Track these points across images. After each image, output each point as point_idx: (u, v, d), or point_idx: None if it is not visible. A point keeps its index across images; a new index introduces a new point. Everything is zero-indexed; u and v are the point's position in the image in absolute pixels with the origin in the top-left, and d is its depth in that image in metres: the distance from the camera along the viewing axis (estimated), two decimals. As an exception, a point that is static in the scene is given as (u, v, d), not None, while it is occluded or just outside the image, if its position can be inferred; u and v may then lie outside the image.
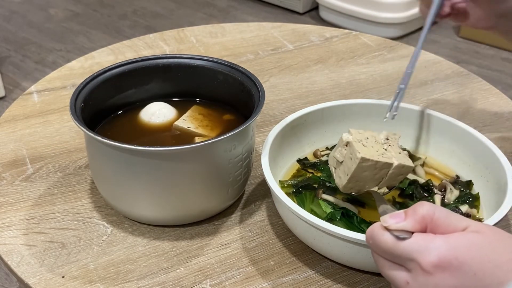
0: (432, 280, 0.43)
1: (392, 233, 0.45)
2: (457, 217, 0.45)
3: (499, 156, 0.66)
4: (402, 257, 0.44)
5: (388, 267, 0.46)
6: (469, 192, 0.69)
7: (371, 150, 0.62)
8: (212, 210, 0.68)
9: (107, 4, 2.86)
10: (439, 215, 0.45)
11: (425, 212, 0.45)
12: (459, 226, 0.44)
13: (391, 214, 0.46)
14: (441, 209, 0.45)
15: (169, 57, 0.73)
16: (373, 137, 0.64)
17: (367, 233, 0.47)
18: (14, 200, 0.71)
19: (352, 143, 0.62)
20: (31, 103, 0.89)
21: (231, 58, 1.02)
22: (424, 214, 0.45)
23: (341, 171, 0.63)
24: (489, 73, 2.27)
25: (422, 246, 0.43)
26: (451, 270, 0.42)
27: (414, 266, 0.44)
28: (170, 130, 0.71)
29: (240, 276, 0.62)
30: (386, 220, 0.45)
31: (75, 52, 2.41)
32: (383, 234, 0.45)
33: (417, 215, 0.45)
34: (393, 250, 0.45)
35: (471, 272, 0.42)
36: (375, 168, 0.61)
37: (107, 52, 1.03)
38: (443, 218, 0.45)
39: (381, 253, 0.46)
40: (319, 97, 0.93)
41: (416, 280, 0.43)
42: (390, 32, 2.42)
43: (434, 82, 0.97)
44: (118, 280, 0.61)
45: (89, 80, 0.68)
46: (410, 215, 0.45)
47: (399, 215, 0.45)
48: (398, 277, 0.45)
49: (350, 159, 0.62)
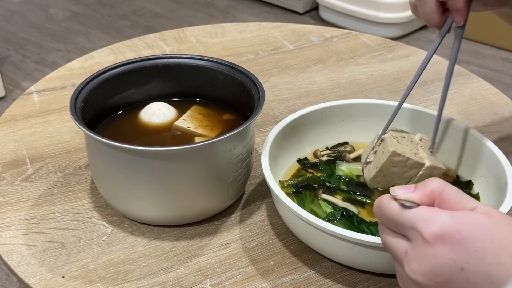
0: (431, 251, 0.42)
1: (399, 202, 0.45)
2: (467, 197, 0.45)
3: (499, 156, 0.66)
4: (405, 226, 0.44)
5: (389, 236, 0.46)
6: (469, 192, 0.69)
7: (405, 147, 0.62)
8: (212, 210, 0.68)
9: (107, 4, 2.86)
10: (448, 192, 0.45)
11: (435, 187, 0.45)
12: (468, 206, 0.44)
13: (401, 186, 0.46)
14: (451, 186, 0.45)
15: (169, 57, 0.73)
16: (410, 137, 0.65)
17: (376, 202, 0.47)
18: (14, 200, 0.71)
19: (386, 138, 0.62)
20: (31, 103, 0.89)
21: (231, 58, 1.02)
22: (433, 188, 0.45)
23: (372, 165, 0.64)
24: (489, 73, 2.27)
25: (426, 216, 0.43)
26: (452, 243, 0.42)
27: (415, 236, 0.43)
28: (170, 130, 0.71)
29: (240, 276, 0.62)
30: (395, 190, 0.46)
31: (75, 52, 2.41)
32: (390, 202, 0.45)
33: (427, 189, 0.45)
34: (397, 218, 0.45)
35: (472, 248, 0.41)
36: (405, 165, 0.62)
37: (107, 52, 1.03)
38: (453, 195, 0.44)
39: (385, 221, 0.46)
40: (319, 97, 0.93)
41: (415, 249, 0.43)
42: (390, 32, 2.42)
43: (434, 82, 0.97)
44: (118, 280, 0.61)
45: (89, 80, 0.68)
46: (420, 188, 0.45)
47: (409, 187, 0.46)
48: (398, 246, 0.45)
49: (382, 152, 0.62)
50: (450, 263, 0.42)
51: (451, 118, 0.73)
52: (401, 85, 0.96)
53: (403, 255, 0.44)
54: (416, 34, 2.50)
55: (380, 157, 0.62)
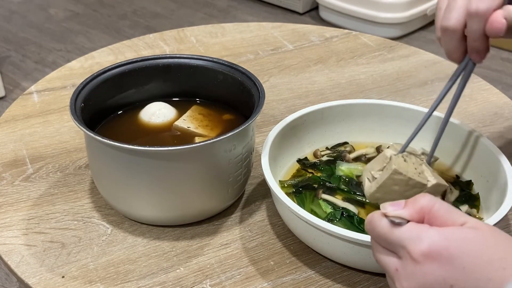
0: (420, 269, 0.43)
1: (389, 219, 0.45)
2: (457, 212, 0.45)
3: (499, 156, 0.66)
4: (394, 244, 0.45)
5: (381, 253, 0.46)
6: (469, 192, 0.69)
7: (410, 166, 0.62)
8: (212, 210, 0.68)
9: (107, 4, 2.86)
10: (438, 208, 0.45)
11: (424, 203, 0.45)
12: (457, 221, 0.44)
13: (391, 202, 0.46)
14: (442, 202, 0.45)
15: (169, 57, 0.73)
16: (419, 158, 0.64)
17: (367, 218, 0.48)
18: (14, 200, 0.71)
19: (393, 157, 0.62)
20: (31, 103, 0.89)
21: (231, 58, 1.02)
22: (423, 204, 0.45)
23: (375, 181, 0.63)
24: (489, 73, 2.27)
25: (414, 234, 0.43)
26: (440, 261, 0.42)
27: (405, 254, 0.44)
28: (170, 130, 0.71)
29: (240, 276, 0.62)
30: (386, 207, 0.46)
31: (75, 52, 2.41)
32: (381, 219, 0.46)
33: (416, 205, 0.45)
34: (387, 235, 0.45)
35: (461, 265, 0.42)
36: (407, 184, 0.61)
37: (107, 52, 1.03)
38: (443, 211, 0.45)
39: (376, 238, 0.47)
40: (319, 97, 0.93)
41: (405, 267, 0.44)
42: (390, 32, 2.42)
43: (434, 82, 0.97)
44: (118, 280, 0.61)
45: (89, 80, 0.68)
46: (410, 204, 0.45)
47: (399, 204, 0.46)
48: (389, 264, 0.45)
49: (386, 169, 0.62)
50: (440, 281, 0.42)
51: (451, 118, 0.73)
52: (401, 85, 0.96)
53: (394, 272, 0.45)
54: (416, 34, 2.50)
55: (384, 173, 0.62)
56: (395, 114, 0.75)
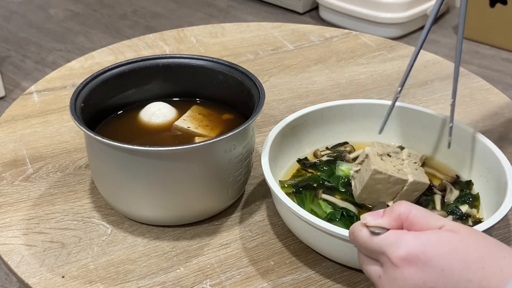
0: (400, 274, 0.44)
1: (369, 229, 0.47)
2: (435, 216, 0.46)
3: (499, 156, 0.66)
4: (375, 251, 0.46)
5: (365, 262, 0.48)
6: (469, 192, 0.69)
7: (388, 164, 0.63)
8: (212, 210, 0.68)
9: (107, 4, 2.86)
10: (415, 214, 0.46)
11: (401, 210, 0.46)
12: (435, 225, 0.45)
13: (370, 213, 0.48)
14: (418, 208, 0.47)
15: (169, 57, 0.73)
16: (395, 153, 0.65)
17: (350, 229, 0.49)
18: (14, 200, 0.71)
19: (370, 156, 0.63)
20: (31, 103, 0.89)
21: (231, 58, 1.02)
22: (400, 212, 0.46)
23: (358, 181, 0.65)
24: (489, 73, 2.27)
25: (392, 240, 0.45)
26: (418, 264, 0.43)
27: (385, 260, 0.45)
28: (170, 130, 0.71)
29: (240, 276, 0.62)
30: (365, 218, 0.48)
31: (75, 52, 2.41)
32: (361, 229, 0.47)
33: (394, 213, 0.46)
34: (368, 244, 0.47)
35: (439, 267, 0.42)
36: (388, 182, 0.63)
37: (107, 52, 1.03)
38: (420, 217, 0.46)
39: (359, 247, 0.48)
40: (319, 97, 0.93)
41: (387, 274, 0.45)
42: (390, 32, 2.42)
43: (434, 82, 0.97)
44: (118, 280, 0.61)
45: (89, 80, 0.68)
46: (387, 213, 0.47)
47: (378, 213, 0.48)
48: (372, 271, 0.47)
49: (365, 170, 0.64)
50: (420, 284, 0.43)
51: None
52: (401, 85, 0.96)
53: (377, 279, 0.46)
54: (416, 34, 2.50)
55: (364, 174, 0.64)
56: (395, 114, 0.75)
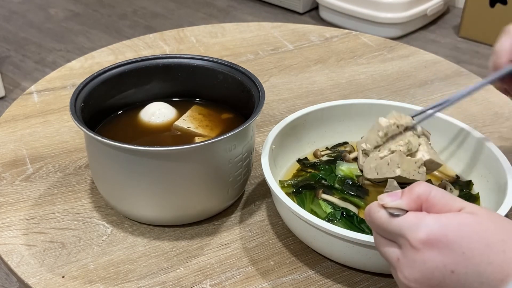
0: (420, 257, 0.43)
1: (387, 210, 0.46)
2: (454, 198, 0.45)
3: (499, 156, 0.66)
4: (393, 234, 0.45)
5: (382, 244, 0.47)
6: (469, 192, 0.69)
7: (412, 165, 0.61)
8: (212, 210, 0.68)
9: (107, 4, 2.86)
10: (435, 195, 0.45)
11: (421, 191, 0.45)
12: (455, 207, 0.44)
13: (388, 193, 0.47)
14: (438, 189, 0.46)
15: (169, 57, 0.73)
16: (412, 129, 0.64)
17: (366, 210, 0.48)
18: (14, 200, 0.71)
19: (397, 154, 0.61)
20: (31, 103, 0.89)
21: (231, 58, 1.02)
22: (420, 193, 0.45)
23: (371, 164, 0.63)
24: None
25: (412, 223, 0.44)
26: (439, 247, 0.42)
27: (404, 243, 0.44)
28: (170, 130, 0.71)
29: (240, 276, 0.62)
30: (383, 198, 0.46)
31: (75, 52, 2.41)
32: (379, 211, 0.46)
33: (413, 194, 0.45)
34: (386, 226, 0.45)
35: (460, 250, 0.42)
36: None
37: (107, 52, 1.03)
38: (439, 198, 0.45)
39: (375, 229, 0.47)
40: (319, 97, 0.93)
41: (406, 256, 0.44)
42: (390, 32, 2.42)
43: (434, 82, 0.97)
44: (118, 280, 0.61)
45: (89, 80, 0.68)
46: (406, 194, 0.46)
47: (396, 194, 0.46)
48: (390, 253, 0.46)
49: (387, 164, 0.61)
50: (440, 267, 0.42)
51: (451, 118, 0.73)
52: (401, 85, 0.96)
53: (396, 262, 0.45)
54: (416, 34, 2.50)
55: (384, 169, 0.61)
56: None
